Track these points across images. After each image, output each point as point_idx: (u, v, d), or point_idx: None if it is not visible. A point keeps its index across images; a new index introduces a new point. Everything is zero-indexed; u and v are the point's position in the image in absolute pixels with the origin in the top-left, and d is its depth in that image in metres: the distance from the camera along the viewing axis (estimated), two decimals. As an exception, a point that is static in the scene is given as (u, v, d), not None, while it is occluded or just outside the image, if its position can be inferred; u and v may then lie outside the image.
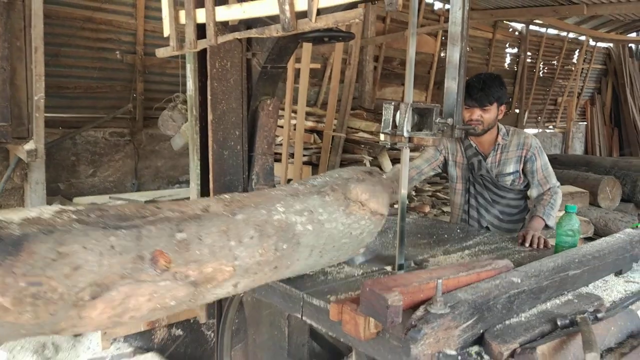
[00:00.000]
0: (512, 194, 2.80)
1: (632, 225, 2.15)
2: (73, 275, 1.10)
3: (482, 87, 2.62)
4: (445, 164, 2.95)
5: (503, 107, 2.72)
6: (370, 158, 5.29)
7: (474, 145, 2.80)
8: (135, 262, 1.19)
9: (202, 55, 2.27)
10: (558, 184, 2.73)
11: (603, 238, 1.99)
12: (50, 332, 1.16)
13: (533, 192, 2.73)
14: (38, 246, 1.07)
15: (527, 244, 2.34)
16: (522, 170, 2.75)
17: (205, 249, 1.31)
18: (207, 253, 1.31)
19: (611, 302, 1.71)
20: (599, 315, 1.41)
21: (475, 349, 1.34)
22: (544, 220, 2.57)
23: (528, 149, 2.71)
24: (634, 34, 10.77)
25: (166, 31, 2.08)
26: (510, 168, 2.74)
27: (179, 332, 3.59)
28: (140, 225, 1.24)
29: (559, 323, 1.39)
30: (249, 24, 2.12)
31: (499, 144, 2.75)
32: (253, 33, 1.79)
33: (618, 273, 1.97)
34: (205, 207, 1.41)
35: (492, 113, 2.66)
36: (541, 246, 2.32)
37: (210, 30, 1.83)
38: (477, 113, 2.64)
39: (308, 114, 5.23)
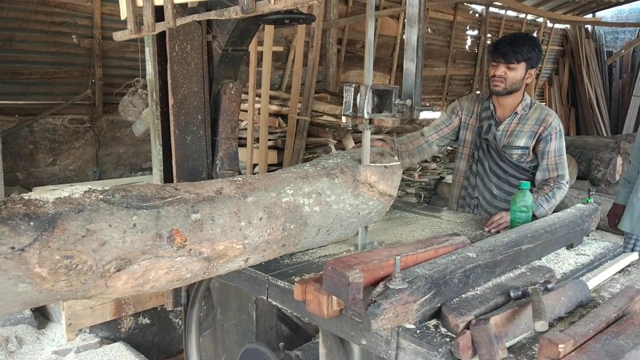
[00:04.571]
0: (514, 170, 2.61)
1: (582, 200, 2.25)
2: (100, 250, 1.23)
3: (511, 42, 2.46)
4: (459, 127, 2.78)
5: (532, 71, 2.52)
6: (335, 141, 5.32)
7: (491, 107, 2.64)
8: (154, 239, 1.31)
9: (161, 38, 2.23)
10: (568, 179, 2.53)
11: (555, 213, 2.07)
12: (82, 297, 1.31)
13: (538, 176, 2.56)
14: (69, 223, 1.19)
15: (486, 227, 2.26)
16: (534, 149, 2.56)
17: (218, 229, 1.43)
18: (219, 232, 1.43)
19: (562, 274, 1.79)
20: (549, 286, 1.48)
21: (433, 322, 1.39)
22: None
23: (546, 127, 2.52)
24: (590, 15, 11.06)
25: (123, 14, 2.04)
26: (521, 142, 2.56)
27: (146, 320, 3.57)
28: (160, 205, 1.36)
29: (512, 295, 1.46)
30: (208, 6, 2.09)
31: (516, 113, 2.57)
32: (212, 15, 1.77)
33: (569, 246, 2.06)
34: (219, 189, 1.52)
35: (517, 72, 2.49)
36: (497, 228, 2.23)
37: (168, 13, 1.80)
38: (501, 69, 2.49)
39: (272, 97, 5.20)
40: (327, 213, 1.73)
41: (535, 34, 10.36)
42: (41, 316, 3.44)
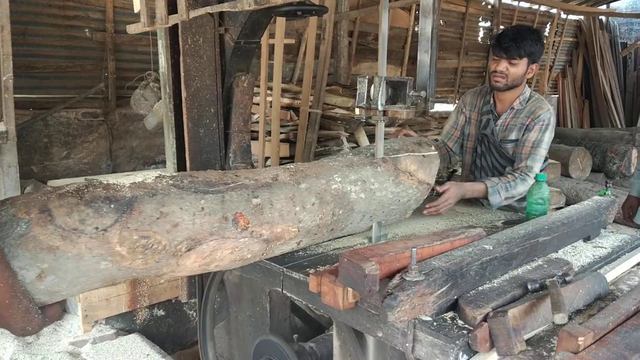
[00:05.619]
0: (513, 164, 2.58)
1: (599, 192, 2.22)
2: (172, 231, 1.32)
3: (514, 37, 2.41)
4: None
5: (534, 66, 2.49)
6: (347, 134, 5.30)
7: (492, 102, 2.63)
8: (221, 221, 1.41)
9: (173, 31, 2.23)
10: (535, 174, 2.38)
11: (572, 205, 2.05)
12: (154, 275, 1.38)
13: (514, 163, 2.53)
14: (145, 206, 1.28)
15: (425, 210, 2.26)
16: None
17: (276, 213, 1.53)
18: (277, 216, 1.53)
19: (580, 267, 1.77)
20: (568, 278, 1.46)
21: (449, 314, 1.39)
22: (487, 189, 2.38)
23: (533, 119, 2.48)
24: (604, 6, 10.90)
25: (136, 7, 2.05)
26: (513, 135, 2.54)
27: (161, 312, 3.60)
28: (224, 190, 1.45)
29: (529, 287, 1.44)
30: (220, -2, 2.09)
31: (513, 108, 2.55)
32: (225, 7, 1.77)
33: (586, 239, 2.04)
34: (275, 176, 1.62)
35: (519, 68, 2.45)
36: (438, 211, 2.26)
37: (181, 5, 1.80)
38: (503, 65, 2.45)
39: (284, 90, 5.19)
40: (371, 200, 1.80)
41: (548, 25, 10.24)
42: (57, 308, 3.48)
